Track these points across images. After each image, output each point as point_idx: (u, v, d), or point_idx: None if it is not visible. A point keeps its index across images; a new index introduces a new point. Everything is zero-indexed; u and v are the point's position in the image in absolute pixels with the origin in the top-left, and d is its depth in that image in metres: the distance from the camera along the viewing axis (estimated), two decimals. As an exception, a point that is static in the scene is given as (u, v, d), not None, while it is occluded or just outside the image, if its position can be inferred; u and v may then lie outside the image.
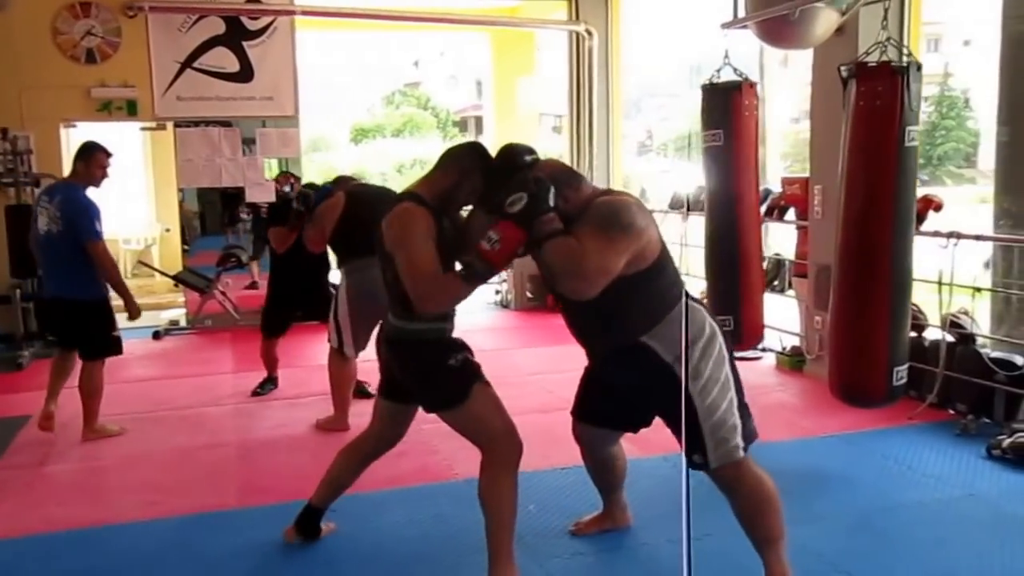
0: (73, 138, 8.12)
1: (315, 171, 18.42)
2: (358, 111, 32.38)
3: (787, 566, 2.94)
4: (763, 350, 6.41)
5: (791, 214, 6.33)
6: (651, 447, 4.54)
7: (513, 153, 3.03)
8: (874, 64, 3.87)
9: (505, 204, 2.67)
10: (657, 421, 3.05)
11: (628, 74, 9.79)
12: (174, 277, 8.10)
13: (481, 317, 8.65)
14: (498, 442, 3.02)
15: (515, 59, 10.84)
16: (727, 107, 5.04)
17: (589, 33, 9.00)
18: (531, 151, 3.09)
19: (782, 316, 6.47)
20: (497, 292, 9.24)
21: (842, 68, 3.98)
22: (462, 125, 35.43)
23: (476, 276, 2.77)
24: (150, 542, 3.59)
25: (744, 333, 5.25)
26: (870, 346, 3.92)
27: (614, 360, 2.94)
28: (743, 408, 2.87)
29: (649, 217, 2.81)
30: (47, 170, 7.54)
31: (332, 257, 5.43)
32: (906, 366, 3.99)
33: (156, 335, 7.91)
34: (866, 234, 3.86)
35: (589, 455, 3.40)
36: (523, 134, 11.13)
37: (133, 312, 5.01)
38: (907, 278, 3.92)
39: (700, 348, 2.78)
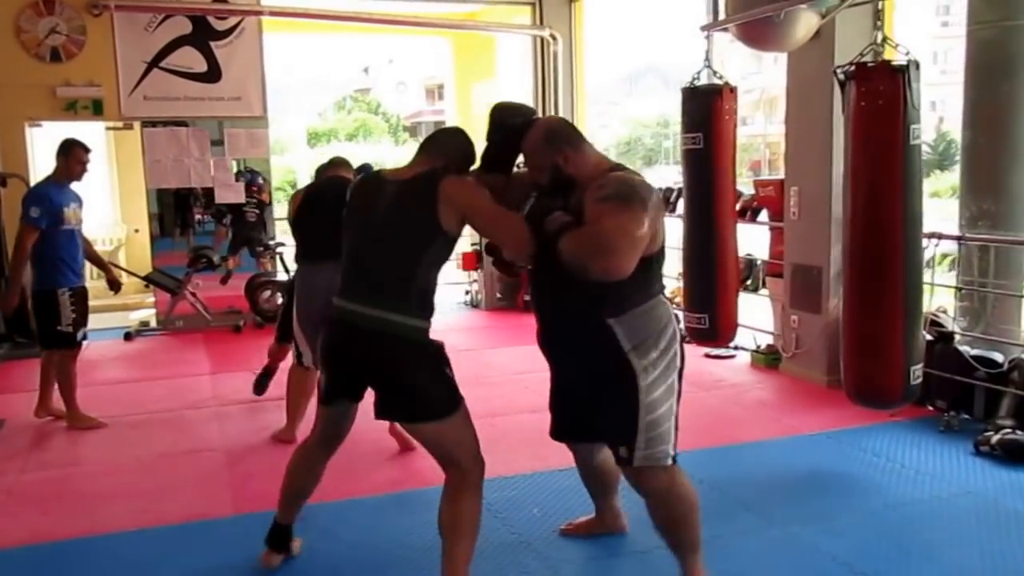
0: (37, 138, 7.95)
1: (278, 173, 18.35)
2: (310, 116, 32.24)
3: (705, 574, 2.91)
4: (736, 348, 6.51)
5: (763, 215, 6.44)
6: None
7: (503, 117, 2.97)
8: (874, 64, 3.95)
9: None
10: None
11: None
12: (145, 278, 7.96)
13: (452, 317, 8.65)
14: (474, 464, 2.84)
15: (475, 63, 10.85)
16: (707, 110, 5.10)
17: (554, 38, 9.06)
18: (523, 111, 3.05)
19: (754, 315, 6.59)
20: (467, 292, 9.25)
21: (838, 70, 4.07)
22: (412, 130, 35.41)
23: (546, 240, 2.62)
24: (145, 552, 3.49)
25: (719, 330, 5.33)
26: (886, 346, 3.97)
27: (574, 338, 2.78)
28: (677, 422, 2.81)
29: (660, 205, 2.67)
30: (13, 170, 7.38)
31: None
32: (921, 365, 4.06)
33: (127, 336, 7.78)
34: (876, 234, 3.92)
35: (579, 464, 3.35)
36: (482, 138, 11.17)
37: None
38: (919, 276, 4.00)
39: (660, 347, 2.72)
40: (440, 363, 2.83)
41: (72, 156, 5.10)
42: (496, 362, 6.61)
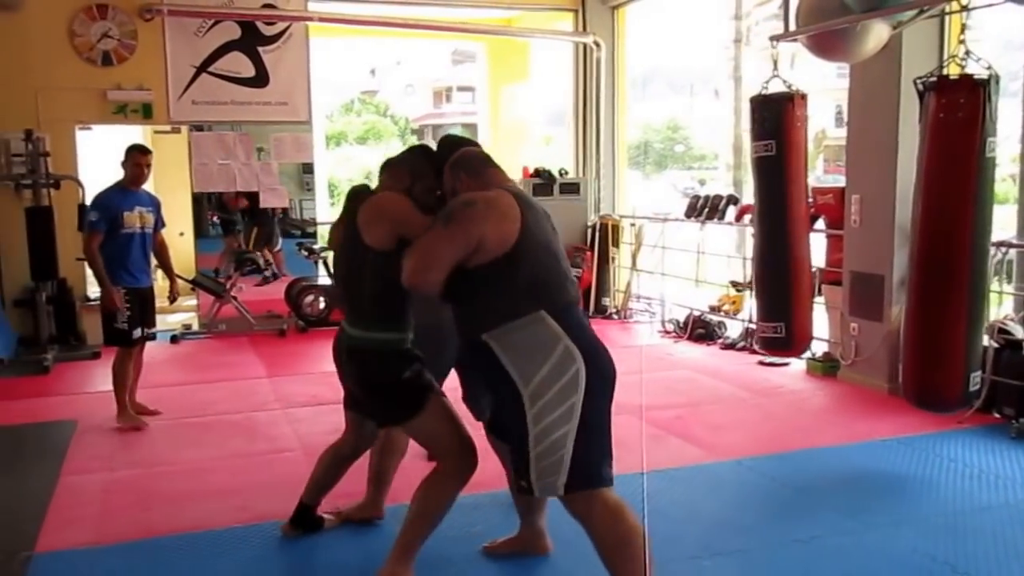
0: (86, 141, 8.02)
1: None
2: (318, 118, 32.29)
3: None
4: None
5: (820, 223, 6.49)
6: (721, 451, 4.68)
7: (448, 146, 3.19)
8: (955, 77, 4.02)
9: None
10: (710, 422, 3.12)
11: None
12: (191, 281, 8.01)
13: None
14: (452, 456, 3.03)
15: (509, 68, 10.94)
16: (779, 118, 5.15)
17: (597, 45, 9.14)
18: (464, 142, 3.30)
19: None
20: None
21: (918, 81, 4.14)
22: (420, 133, 35.49)
23: None
24: (250, 548, 3.57)
25: (795, 340, 5.36)
26: (948, 353, 4.06)
27: (472, 356, 2.87)
28: (592, 447, 2.70)
29: (504, 216, 2.72)
30: (63, 172, 7.44)
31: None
32: (979, 372, 4.14)
33: (174, 339, 7.83)
34: (947, 243, 4.02)
35: (508, 474, 3.15)
36: (515, 143, 11.26)
37: (103, 302, 5.24)
38: (985, 285, 4.09)
39: (548, 368, 2.66)
40: (400, 368, 3.04)
41: (130, 160, 5.25)
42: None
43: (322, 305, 8.26)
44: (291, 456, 4.71)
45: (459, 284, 2.75)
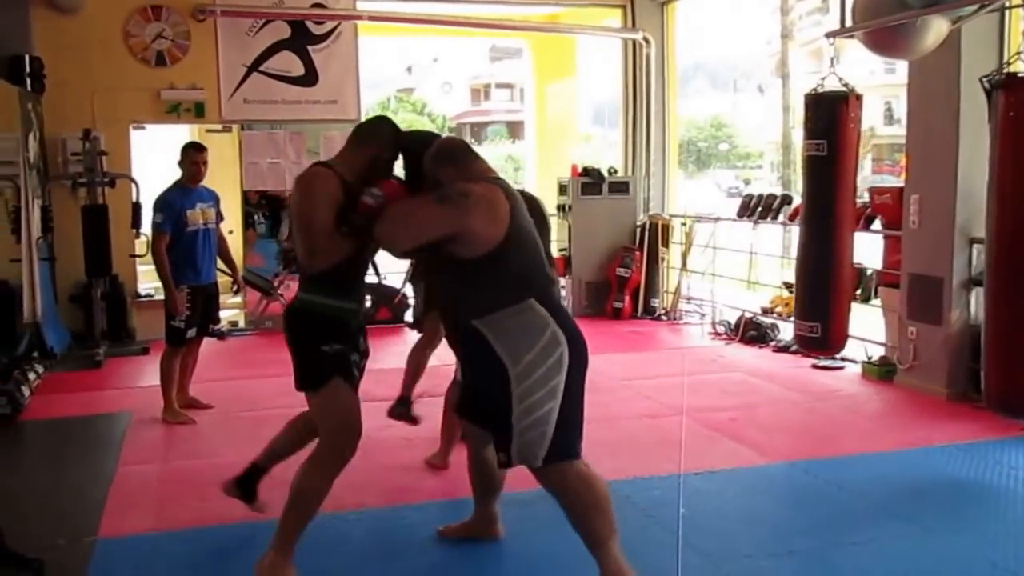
0: (139, 140, 8.14)
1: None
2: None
3: (621, 564, 2.94)
4: (844, 360, 6.45)
5: (877, 223, 6.37)
6: (775, 453, 4.60)
7: (405, 145, 3.22)
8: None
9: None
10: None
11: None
12: (241, 279, 8.07)
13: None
14: (330, 440, 3.10)
15: (555, 65, 10.91)
16: (833, 117, 5.06)
17: (647, 41, 9.06)
18: (426, 138, 3.30)
19: (866, 326, 6.53)
20: (554, 298, 9.25)
21: (984, 79, 4.03)
22: (459, 131, 35.58)
23: (356, 230, 2.96)
24: (309, 537, 3.53)
25: (831, 340, 5.28)
26: None
27: (460, 338, 3.03)
28: (570, 423, 2.88)
29: (495, 212, 2.86)
30: (117, 170, 7.55)
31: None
32: None
33: (221, 335, 7.90)
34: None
35: (470, 452, 3.41)
36: (561, 140, 11.23)
37: (166, 304, 5.28)
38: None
39: (537, 350, 2.83)
40: (322, 337, 3.07)
41: (187, 158, 5.32)
42: (600, 368, 6.55)
43: (368, 303, 8.26)
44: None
45: (451, 273, 2.92)
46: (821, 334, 5.22)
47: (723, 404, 5.54)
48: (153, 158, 8.13)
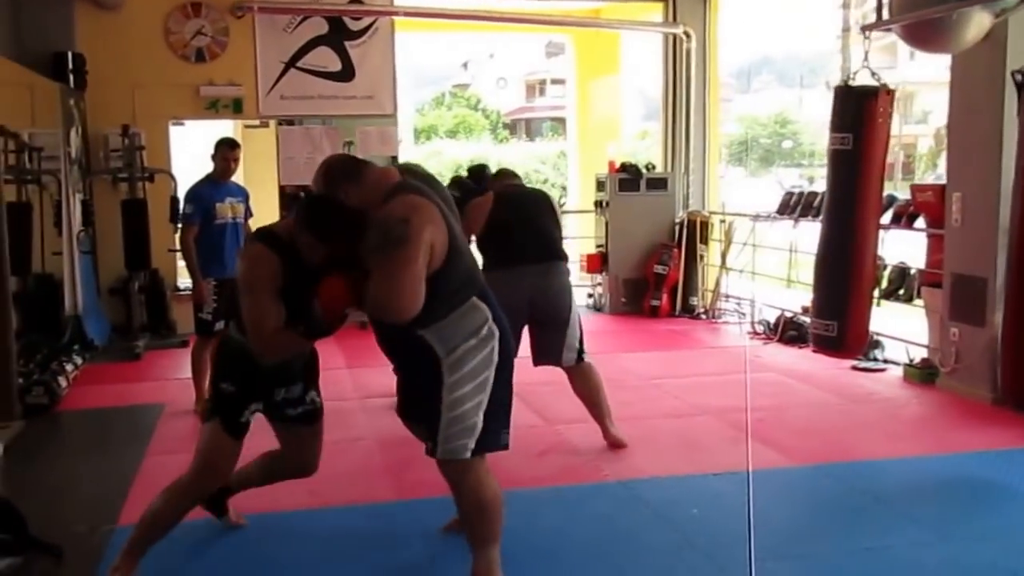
0: (178, 136, 8.26)
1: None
2: (408, 111, 32.61)
3: (493, 568, 2.96)
4: (886, 362, 6.27)
5: (920, 222, 6.18)
6: (800, 456, 4.49)
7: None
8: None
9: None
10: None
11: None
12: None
13: (576, 320, 8.60)
14: (194, 475, 3.09)
15: (598, 61, 10.81)
16: (860, 112, 4.90)
17: (687, 35, 8.92)
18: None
19: (907, 327, 6.35)
20: (590, 295, 9.18)
21: (1016, 73, 3.88)
22: (512, 127, 35.51)
23: (315, 333, 2.87)
24: (325, 528, 3.66)
25: (847, 340, 5.09)
26: None
27: (395, 343, 2.99)
28: (498, 416, 2.89)
29: (431, 221, 2.74)
30: (156, 165, 7.66)
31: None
32: None
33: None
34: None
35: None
36: (604, 137, 11.13)
37: (193, 294, 5.39)
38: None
39: (470, 345, 2.82)
40: (225, 374, 3.06)
41: (218, 154, 5.40)
42: (630, 367, 6.51)
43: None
44: (364, 445, 4.76)
45: None
46: (837, 333, 5.03)
47: (753, 405, 5.41)
48: (185, 151, 8.26)
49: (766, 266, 8.19)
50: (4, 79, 6.76)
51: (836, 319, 5.02)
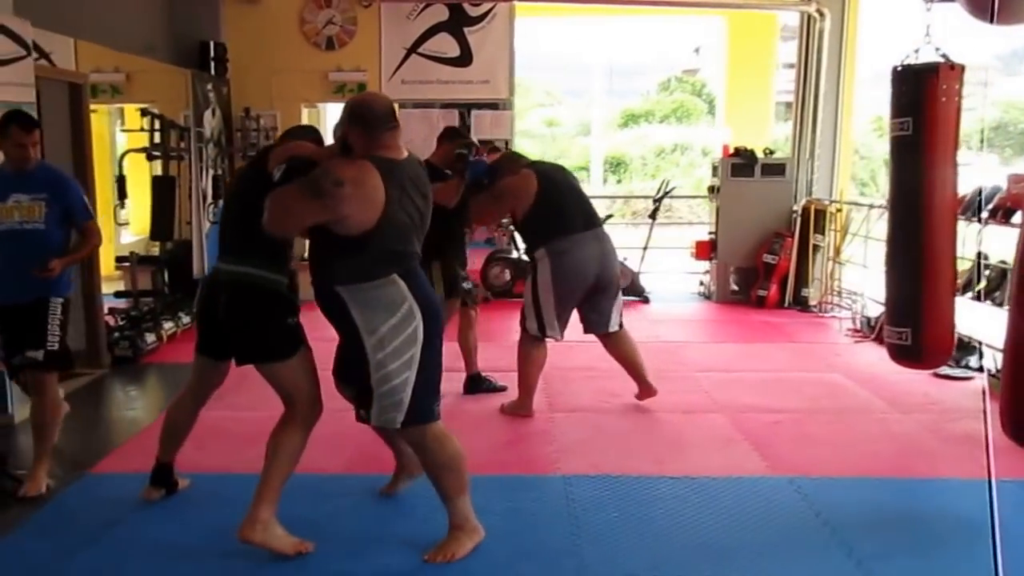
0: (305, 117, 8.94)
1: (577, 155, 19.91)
2: (634, 97, 32.42)
3: (468, 516, 3.22)
4: (980, 370, 5.70)
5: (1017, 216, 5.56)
6: (784, 467, 4.23)
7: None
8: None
9: None
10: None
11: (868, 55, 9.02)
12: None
13: (680, 308, 8.45)
14: (302, 404, 3.27)
15: (751, 43, 10.41)
16: (919, 92, 4.47)
17: (821, 14, 8.41)
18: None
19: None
20: (701, 284, 8.96)
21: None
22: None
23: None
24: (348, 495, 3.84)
25: (925, 349, 4.67)
26: None
27: (323, 302, 3.11)
28: (428, 389, 3.10)
29: (369, 199, 2.93)
30: (286, 146, 8.33)
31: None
32: None
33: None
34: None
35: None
36: (756, 120, 10.71)
37: None
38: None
39: (392, 324, 3.00)
40: (285, 312, 3.27)
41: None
42: (693, 358, 6.37)
43: (507, 277, 8.52)
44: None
45: (317, 236, 3.08)
46: (912, 341, 4.64)
47: (783, 406, 5.17)
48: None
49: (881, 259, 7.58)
50: (148, 67, 7.69)
51: (909, 325, 4.64)
